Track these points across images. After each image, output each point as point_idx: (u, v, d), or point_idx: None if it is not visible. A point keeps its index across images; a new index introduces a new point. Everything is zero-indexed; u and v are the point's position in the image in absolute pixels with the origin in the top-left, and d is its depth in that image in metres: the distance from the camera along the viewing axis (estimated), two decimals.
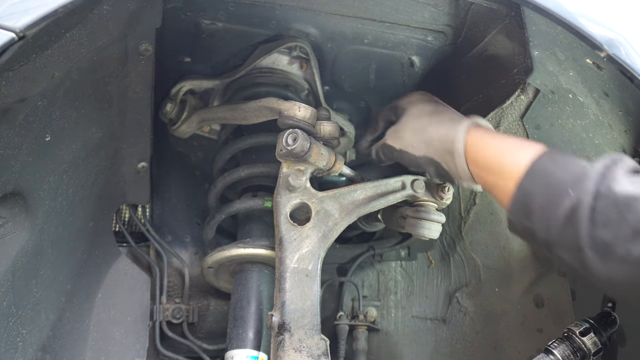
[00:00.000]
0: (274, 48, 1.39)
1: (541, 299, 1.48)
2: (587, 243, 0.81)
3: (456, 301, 1.70)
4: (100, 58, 1.12)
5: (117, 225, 1.58)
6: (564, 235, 0.85)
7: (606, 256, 0.79)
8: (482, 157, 1.03)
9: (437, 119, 1.14)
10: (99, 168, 1.33)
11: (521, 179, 0.92)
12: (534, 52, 1.12)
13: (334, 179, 1.55)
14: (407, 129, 1.18)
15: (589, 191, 0.82)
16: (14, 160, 1.00)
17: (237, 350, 1.28)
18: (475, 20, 1.23)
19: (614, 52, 0.89)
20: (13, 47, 0.80)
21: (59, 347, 1.31)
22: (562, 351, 1.06)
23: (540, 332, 1.48)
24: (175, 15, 1.26)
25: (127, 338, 1.49)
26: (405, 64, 1.45)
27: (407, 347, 1.78)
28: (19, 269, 1.10)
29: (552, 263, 1.48)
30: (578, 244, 0.82)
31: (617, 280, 0.81)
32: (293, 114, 1.20)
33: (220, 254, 1.36)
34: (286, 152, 1.18)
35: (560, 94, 1.17)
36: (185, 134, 1.54)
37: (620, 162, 0.85)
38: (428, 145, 1.12)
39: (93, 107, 1.21)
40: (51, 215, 1.19)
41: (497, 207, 1.59)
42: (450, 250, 1.74)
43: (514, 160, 0.95)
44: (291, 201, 1.22)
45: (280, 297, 1.15)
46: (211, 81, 1.48)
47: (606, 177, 0.82)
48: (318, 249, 1.19)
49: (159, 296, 1.55)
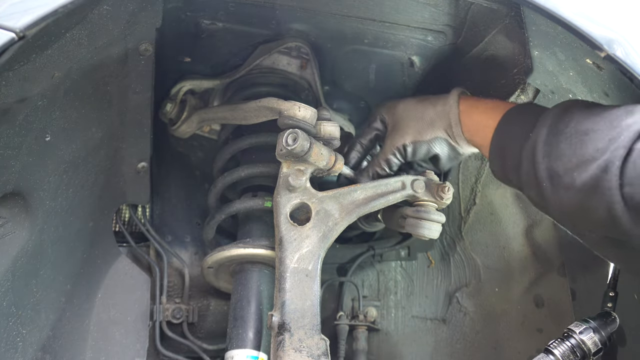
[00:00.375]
0: (274, 48, 1.39)
1: (541, 299, 1.49)
2: (542, 176, 0.92)
3: (456, 301, 1.70)
4: (100, 58, 1.12)
5: (117, 225, 1.58)
6: (528, 173, 0.96)
7: (556, 185, 0.90)
8: (470, 122, 1.16)
9: (427, 103, 1.23)
10: (99, 168, 1.33)
11: (493, 136, 1.08)
12: (534, 52, 1.12)
13: (334, 179, 1.55)
14: (408, 122, 1.23)
15: (544, 129, 0.94)
16: (14, 160, 1.00)
17: (237, 350, 1.28)
18: (475, 20, 1.23)
19: (614, 52, 0.89)
20: (13, 47, 0.80)
21: (59, 347, 1.31)
22: (562, 351, 1.06)
23: (540, 332, 1.48)
24: (175, 15, 1.26)
25: (127, 338, 1.49)
26: (405, 64, 1.45)
27: (407, 347, 1.78)
28: (19, 269, 1.10)
29: (552, 263, 1.49)
30: (537, 179, 0.93)
31: (565, 208, 0.91)
32: (293, 114, 1.20)
33: (220, 254, 1.36)
34: (286, 152, 1.18)
35: (560, 94, 1.17)
36: (185, 134, 1.54)
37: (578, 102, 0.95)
38: (433, 126, 1.20)
39: (93, 107, 1.20)
40: (51, 215, 1.19)
41: (497, 207, 1.59)
42: (450, 250, 1.74)
43: (491, 121, 1.09)
44: (291, 201, 1.22)
45: (280, 297, 1.15)
46: (211, 81, 1.48)
47: (562, 117, 0.93)
48: (318, 249, 1.19)
49: (159, 296, 1.55)
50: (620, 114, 0.87)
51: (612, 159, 0.82)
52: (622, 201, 0.81)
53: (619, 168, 0.81)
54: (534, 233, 1.54)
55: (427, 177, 1.31)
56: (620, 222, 0.83)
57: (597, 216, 0.86)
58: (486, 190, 1.63)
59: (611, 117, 0.87)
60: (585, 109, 0.93)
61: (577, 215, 0.92)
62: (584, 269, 1.40)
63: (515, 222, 1.56)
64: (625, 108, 0.88)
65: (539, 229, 1.55)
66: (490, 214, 1.61)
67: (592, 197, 0.85)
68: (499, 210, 1.59)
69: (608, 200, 0.82)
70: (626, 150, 0.82)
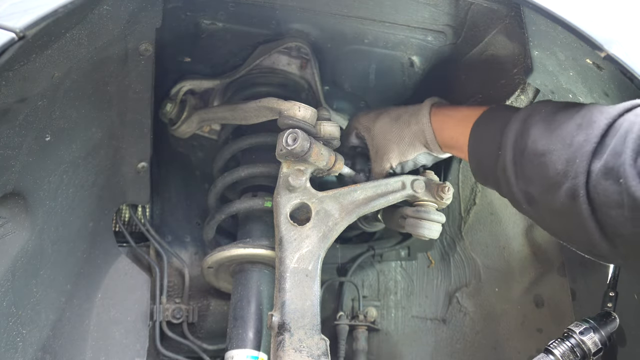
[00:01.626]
0: (274, 48, 1.39)
1: (541, 299, 1.49)
2: (521, 199, 0.96)
3: (456, 301, 1.70)
4: (100, 58, 1.12)
5: (117, 225, 1.58)
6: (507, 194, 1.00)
7: (535, 207, 0.94)
8: (444, 137, 1.20)
9: (402, 123, 1.26)
10: (99, 168, 1.33)
11: (468, 150, 1.10)
12: (534, 52, 1.12)
13: (334, 179, 1.55)
14: (389, 145, 1.27)
15: (509, 148, 0.96)
16: (14, 160, 1.00)
17: (237, 350, 1.28)
18: (475, 20, 1.23)
19: (614, 52, 0.89)
20: (13, 47, 0.80)
21: (59, 347, 1.31)
22: (562, 351, 1.06)
23: (540, 332, 1.48)
24: (175, 15, 1.26)
25: (127, 338, 1.49)
26: (405, 64, 1.45)
27: (407, 347, 1.78)
28: (19, 269, 1.10)
29: (552, 263, 1.48)
30: (517, 201, 0.98)
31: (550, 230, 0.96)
32: (293, 114, 1.20)
33: (220, 254, 1.36)
34: (286, 152, 1.18)
35: (560, 94, 1.17)
36: (185, 134, 1.54)
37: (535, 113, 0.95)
38: (413, 145, 1.25)
39: (93, 107, 1.21)
40: (51, 215, 1.19)
41: (497, 207, 1.59)
42: (450, 250, 1.74)
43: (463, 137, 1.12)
44: (291, 201, 1.22)
45: (280, 297, 1.15)
46: (211, 81, 1.48)
47: (522, 134, 0.94)
48: (318, 249, 1.19)
49: (159, 296, 1.56)
50: (572, 129, 0.86)
51: (575, 186, 0.82)
52: (597, 227, 0.81)
53: (585, 196, 0.81)
54: (534, 233, 1.54)
55: (427, 177, 1.31)
56: (600, 248, 0.83)
57: (579, 239, 0.86)
58: (486, 190, 1.63)
59: (564, 135, 0.87)
60: (541, 123, 0.92)
61: (561, 236, 0.94)
62: (584, 269, 1.40)
63: (515, 222, 1.56)
64: (575, 121, 0.87)
65: (539, 229, 1.55)
66: (490, 214, 1.61)
67: (570, 222, 0.85)
68: (499, 210, 1.59)
69: (584, 227, 0.82)
70: (585, 175, 0.81)
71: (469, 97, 1.40)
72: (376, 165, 1.31)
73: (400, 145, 1.26)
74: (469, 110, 1.16)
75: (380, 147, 1.30)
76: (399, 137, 1.26)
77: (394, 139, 1.27)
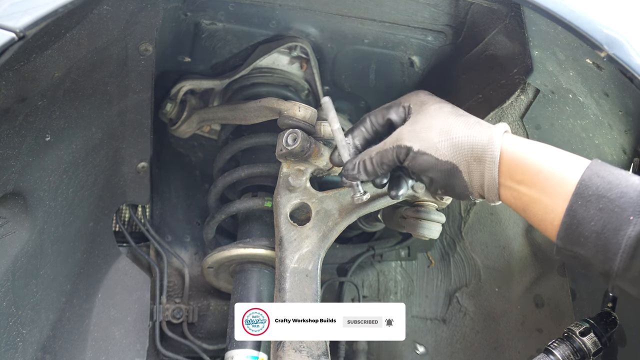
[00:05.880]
0: (274, 48, 1.39)
1: (541, 299, 1.48)
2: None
3: (456, 301, 1.70)
4: (100, 58, 1.12)
5: (117, 225, 1.58)
6: (629, 268, 0.77)
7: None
8: (521, 167, 0.89)
9: (463, 121, 0.97)
10: (99, 168, 1.33)
11: (570, 199, 0.82)
12: (534, 52, 1.12)
13: (334, 179, 1.55)
14: (431, 128, 0.97)
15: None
16: (14, 160, 1.00)
17: (237, 351, 1.28)
18: (475, 20, 1.23)
19: (614, 52, 0.89)
20: (13, 47, 0.80)
21: (59, 347, 1.31)
22: (562, 351, 1.06)
23: (540, 332, 1.48)
24: (175, 15, 1.26)
25: (127, 338, 1.49)
26: (405, 64, 1.45)
27: (407, 347, 1.78)
28: (19, 269, 1.10)
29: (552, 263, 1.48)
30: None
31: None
32: (293, 114, 1.20)
33: (220, 254, 1.36)
34: (286, 152, 1.18)
35: (560, 94, 1.17)
36: (185, 134, 1.54)
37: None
38: (455, 149, 0.94)
39: (93, 107, 1.21)
40: (51, 215, 1.19)
41: (497, 207, 1.59)
42: (450, 250, 1.74)
43: (561, 175, 0.85)
44: (291, 201, 1.22)
45: (280, 297, 1.15)
46: (211, 81, 1.48)
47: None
48: (318, 249, 1.19)
49: (159, 296, 1.56)
50: None
51: None
52: None
53: None
54: (534, 233, 1.54)
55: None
56: None
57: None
58: None
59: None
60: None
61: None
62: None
63: (515, 222, 1.56)
64: None
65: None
66: (490, 214, 1.61)
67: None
68: (499, 210, 1.59)
69: None
70: None
71: (469, 97, 1.40)
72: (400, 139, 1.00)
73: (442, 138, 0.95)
74: (561, 150, 0.91)
75: (419, 125, 0.99)
76: (447, 130, 0.96)
77: (441, 126, 0.97)
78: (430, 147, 0.96)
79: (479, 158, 0.92)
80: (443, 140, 0.95)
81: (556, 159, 0.88)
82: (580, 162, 0.86)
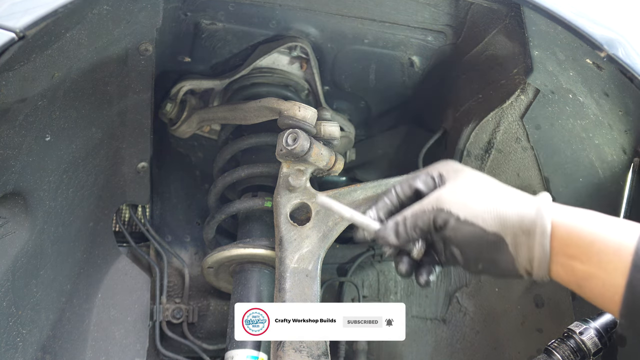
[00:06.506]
0: (274, 48, 1.39)
1: (541, 299, 1.48)
2: None
3: (456, 301, 1.70)
4: (100, 58, 1.12)
5: (117, 225, 1.58)
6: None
7: None
8: (574, 240, 0.81)
9: (507, 190, 0.90)
10: (99, 168, 1.33)
11: (629, 272, 0.75)
12: (534, 52, 1.12)
13: (334, 179, 1.55)
14: (475, 196, 0.89)
15: None
16: (14, 160, 1.00)
17: (237, 351, 1.28)
18: (475, 20, 1.23)
19: (614, 52, 0.89)
20: (13, 47, 0.80)
21: (59, 347, 1.31)
22: (562, 351, 1.06)
23: (540, 332, 1.48)
24: (175, 15, 1.26)
25: (127, 338, 1.49)
26: (405, 64, 1.45)
27: (407, 347, 1.78)
28: (19, 269, 1.10)
29: None
30: None
31: None
32: (293, 114, 1.20)
33: (220, 254, 1.36)
34: (286, 152, 1.18)
35: (560, 94, 1.17)
36: (185, 134, 1.54)
37: None
38: (502, 220, 0.85)
39: (93, 107, 1.20)
40: (51, 215, 1.19)
41: None
42: None
43: (615, 245, 0.77)
44: (291, 201, 1.22)
45: (280, 297, 1.15)
46: (211, 81, 1.48)
47: None
48: (318, 249, 1.19)
49: (159, 296, 1.55)
50: None
51: None
52: None
53: None
54: None
55: None
56: None
57: None
58: None
59: None
60: None
61: None
62: None
63: None
64: None
65: None
66: None
67: None
68: None
69: None
70: None
71: (469, 97, 1.40)
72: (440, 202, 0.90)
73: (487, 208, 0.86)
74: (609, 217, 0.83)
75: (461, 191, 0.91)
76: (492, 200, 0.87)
77: (485, 195, 0.88)
78: (476, 217, 0.86)
79: (528, 231, 0.83)
80: (489, 210, 0.87)
81: (607, 227, 0.81)
82: (633, 227, 0.79)
